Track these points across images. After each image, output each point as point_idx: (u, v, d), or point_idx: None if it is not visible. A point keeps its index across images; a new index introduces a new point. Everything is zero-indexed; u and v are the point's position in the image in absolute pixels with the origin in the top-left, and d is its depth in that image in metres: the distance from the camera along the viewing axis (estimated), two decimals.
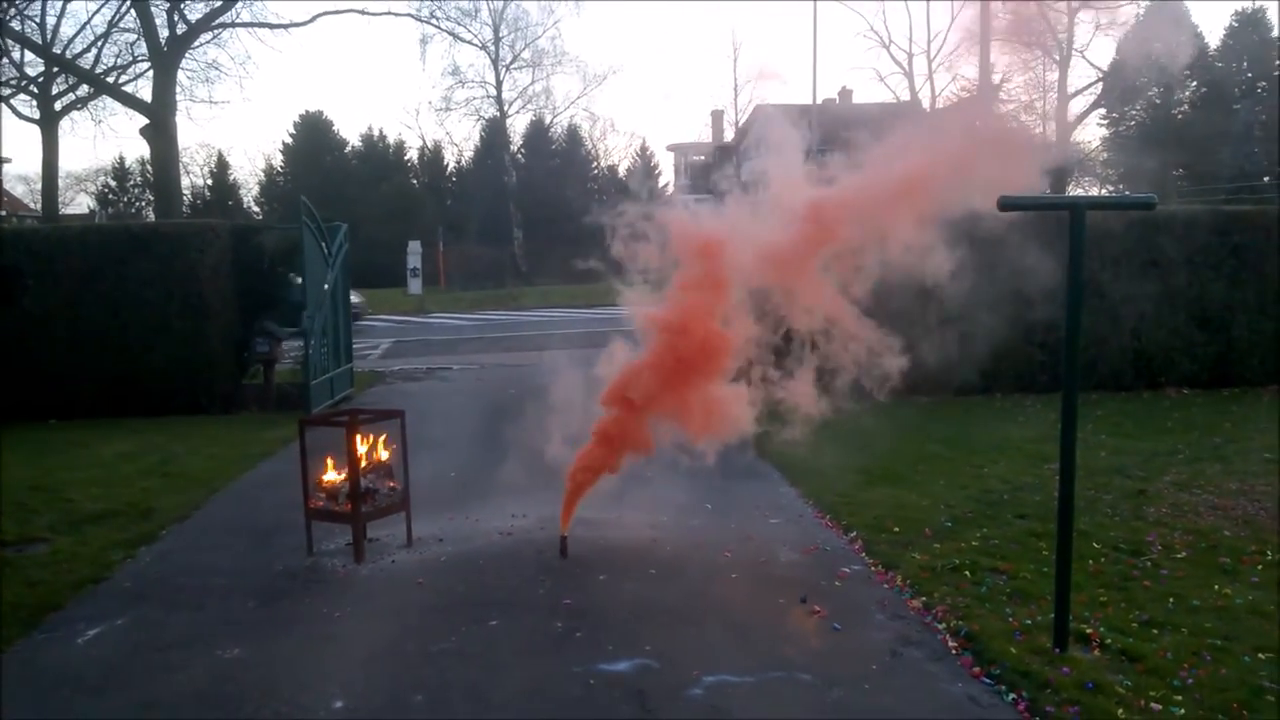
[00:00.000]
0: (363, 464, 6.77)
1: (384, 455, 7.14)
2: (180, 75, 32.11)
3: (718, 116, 54.47)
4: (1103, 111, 50.80)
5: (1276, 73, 48.54)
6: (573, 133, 53.19)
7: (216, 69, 38.74)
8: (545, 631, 5.41)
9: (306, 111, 53.91)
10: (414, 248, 38.80)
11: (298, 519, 6.97)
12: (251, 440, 10.92)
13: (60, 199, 40.38)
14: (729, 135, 51.69)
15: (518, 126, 52.39)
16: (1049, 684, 4.59)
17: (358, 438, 6.67)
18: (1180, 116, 48.38)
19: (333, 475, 6.91)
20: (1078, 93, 48.71)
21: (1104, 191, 51.02)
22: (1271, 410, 11.38)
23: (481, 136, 52.28)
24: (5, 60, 31.80)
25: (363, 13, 36.87)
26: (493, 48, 48.18)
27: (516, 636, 5.35)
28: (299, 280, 12.73)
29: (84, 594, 6.20)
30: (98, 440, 11.10)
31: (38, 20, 32.92)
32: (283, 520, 7.50)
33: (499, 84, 49.00)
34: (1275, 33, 49.29)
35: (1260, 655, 4.90)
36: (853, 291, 6.48)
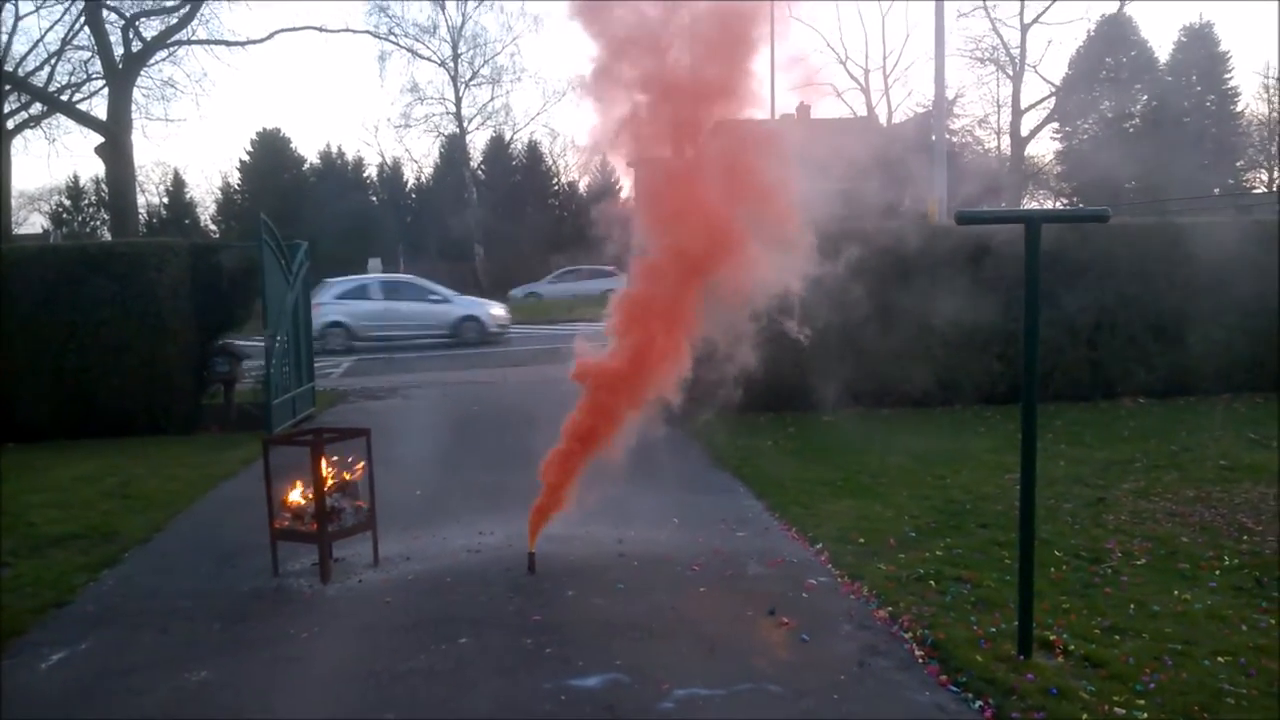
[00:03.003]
0: (328, 483, 6.74)
1: (349, 474, 7.10)
2: (136, 93, 31.92)
3: None
4: (1056, 125, 51.64)
5: (1224, 86, 49.59)
6: (533, 149, 53.15)
7: (172, 86, 38.20)
8: (515, 648, 5.40)
9: (264, 129, 53.38)
10: (374, 265, 38.63)
11: (262, 540, 6.92)
12: (212, 461, 10.82)
13: (13, 219, 39.84)
14: None
15: (478, 143, 52.39)
16: (1014, 690, 4.65)
17: (324, 456, 6.65)
18: (1131, 130, 49.21)
19: (298, 495, 6.88)
20: (1031, 107, 49.55)
21: (1058, 205, 51.85)
22: (1226, 419, 11.59)
23: (441, 153, 52.15)
24: None
25: (321, 29, 36.87)
26: (451, 64, 48.20)
27: (486, 654, 5.34)
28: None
29: (46, 618, 6.11)
30: (56, 463, 10.96)
31: None
32: (247, 541, 7.44)
33: (458, 100, 49.00)
34: (1222, 47, 50.36)
35: (1220, 659, 4.99)
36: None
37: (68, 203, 51.42)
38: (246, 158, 52.87)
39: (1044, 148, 56.23)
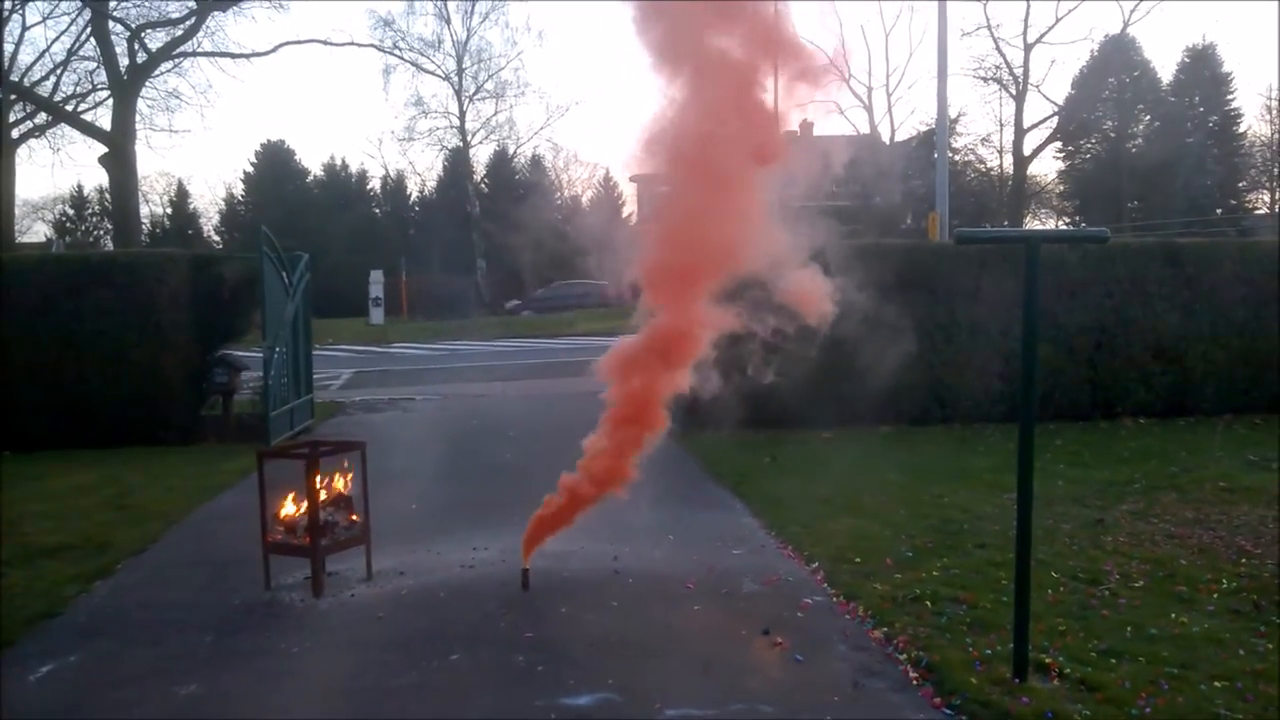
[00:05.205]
0: (322, 496, 6.71)
1: (344, 487, 7.07)
2: (140, 104, 31.96)
3: None
4: (1059, 145, 51.72)
5: (1227, 107, 49.70)
6: (536, 163, 53.23)
7: (177, 98, 38.04)
8: (507, 665, 5.37)
9: (268, 140, 53.59)
10: (376, 277, 38.70)
11: (255, 552, 6.88)
12: (210, 472, 10.79)
13: (17, 228, 39.92)
14: None
15: (481, 156, 52.43)
16: (1009, 714, 4.62)
17: (318, 470, 6.62)
18: (1134, 150, 49.30)
19: (291, 508, 6.84)
20: (1034, 126, 49.61)
21: (1059, 224, 51.91)
22: (1226, 439, 11.55)
23: (445, 166, 52.21)
24: None
25: (326, 43, 36.94)
26: (456, 78, 48.24)
27: (478, 671, 5.31)
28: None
29: (37, 629, 6.09)
30: (53, 472, 10.93)
31: None
32: (240, 553, 7.40)
33: (462, 114, 49.01)
34: (1225, 68, 50.48)
35: (1217, 683, 4.95)
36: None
37: (71, 212, 51.63)
38: (250, 169, 53.05)
39: (1046, 167, 56.28)
